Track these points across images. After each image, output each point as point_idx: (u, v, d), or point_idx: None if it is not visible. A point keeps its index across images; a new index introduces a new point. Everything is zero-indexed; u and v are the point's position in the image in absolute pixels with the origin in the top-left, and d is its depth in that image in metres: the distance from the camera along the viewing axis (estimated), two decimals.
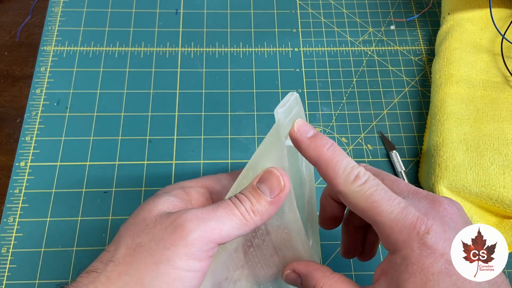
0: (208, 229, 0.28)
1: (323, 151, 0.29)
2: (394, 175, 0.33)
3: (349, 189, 0.28)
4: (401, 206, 0.27)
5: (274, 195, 0.30)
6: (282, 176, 0.30)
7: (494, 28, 0.56)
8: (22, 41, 0.59)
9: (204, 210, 0.29)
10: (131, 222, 0.31)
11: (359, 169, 0.29)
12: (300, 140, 0.30)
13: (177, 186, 0.35)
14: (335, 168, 0.29)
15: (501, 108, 0.52)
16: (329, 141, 0.30)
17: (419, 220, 0.27)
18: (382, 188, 0.28)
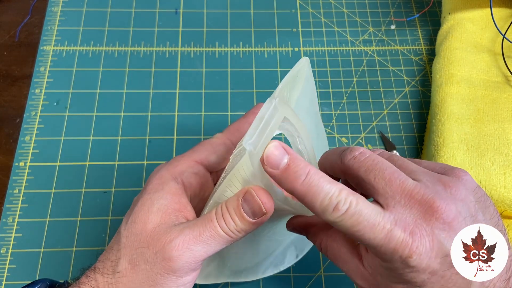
0: (194, 255, 0.30)
1: (296, 187, 0.28)
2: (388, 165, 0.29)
3: (330, 219, 0.27)
4: (384, 231, 0.26)
5: (257, 218, 0.30)
6: (264, 204, 0.30)
7: (494, 28, 0.56)
8: (22, 41, 0.59)
9: (192, 235, 0.30)
10: (130, 231, 0.32)
11: (338, 199, 0.27)
12: (271, 175, 0.29)
13: (169, 176, 0.34)
14: (311, 201, 0.27)
15: (501, 108, 0.51)
16: (303, 172, 0.28)
17: (403, 244, 0.26)
18: (365, 214, 0.27)
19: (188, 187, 0.35)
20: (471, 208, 0.27)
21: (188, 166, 0.35)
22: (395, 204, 0.27)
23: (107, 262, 0.32)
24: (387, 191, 0.28)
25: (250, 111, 0.39)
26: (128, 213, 0.34)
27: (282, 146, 0.28)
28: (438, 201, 0.26)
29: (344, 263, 0.32)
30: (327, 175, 0.28)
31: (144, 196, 0.33)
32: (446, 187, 0.28)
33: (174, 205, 0.32)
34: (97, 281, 0.31)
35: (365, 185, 0.29)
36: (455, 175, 0.29)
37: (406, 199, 0.27)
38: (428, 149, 0.51)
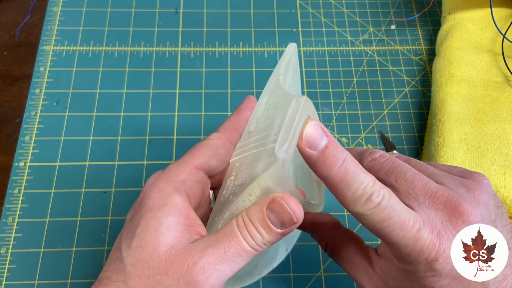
0: (220, 276, 0.27)
1: (332, 172, 0.26)
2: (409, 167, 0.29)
3: (360, 211, 0.26)
4: (414, 230, 0.25)
5: (286, 228, 0.28)
6: (295, 213, 0.27)
7: (494, 28, 0.56)
8: (22, 41, 0.59)
9: (216, 254, 0.27)
10: (137, 257, 0.28)
11: (373, 189, 0.26)
12: (307, 156, 0.27)
13: (170, 187, 0.30)
14: (344, 190, 0.26)
15: (501, 108, 0.51)
16: (340, 156, 0.26)
17: (430, 246, 0.25)
18: (396, 209, 0.26)
19: (192, 198, 0.31)
20: (491, 213, 0.27)
21: (189, 174, 0.31)
22: (419, 205, 0.26)
23: None
24: (410, 193, 0.27)
25: (242, 105, 0.36)
26: (125, 235, 0.29)
27: (321, 126, 0.27)
28: (464, 203, 0.26)
29: (351, 266, 0.31)
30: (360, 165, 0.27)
31: (146, 215, 0.29)
32: (470, 191, 0.27)
33: (184, 220, 0.29)
34: None
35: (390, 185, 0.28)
36: (475, 179, 0.29)
37: (431, 201, 0.26)
38: (428, 149, 0.51)
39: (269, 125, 0.31)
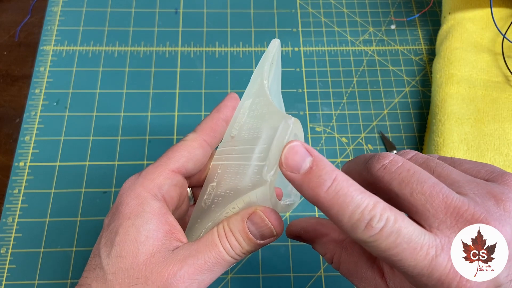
0: (201, 285, 0.27)
1: (319, 195, 0.23)
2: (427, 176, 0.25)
3: (361, 238, 0.23)
4: (428, 258, 0.22)
5: (265, 240, 0.28)
6: (275, 228, 0.27)
7: (495, 28, 0.56)
8: (21, 41, 0.59)
9: (196, 265, 0.27)
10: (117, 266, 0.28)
11: (372, 214, 0.23)
12: (291, 180, 0.25)
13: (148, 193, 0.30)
14: (338, 215, 0.23)
15: (501, 108, 0.51)
16: (329, 177, 0.24)
17: (450, 275, 0.22)
18: (405, 235, 0.22)
19: (170, 202, 0.31)
20: None
21: (166, 178, 0.30)
22: (439, 224, 0.23)
23: None
24: (428, 209, 0.23)
25: (222, 103, 0.34)
26: (103, 242, 0.29)
27: (304, 146, 0.25)
28: (492, 222, 0.22)
29: (360, 280, 0.28)
30: (357, 183, 0.24)
31: (124, 223, 0.28)
32: (499, 202, 0.23)
33: (163, 227, 0.29)
34: None
35: (400, 201, 0.24)
36: (506, 183, 0.25)
37: (453, 219, 0.23)
38: (429, 149, 0.51)
39: (254, 137, 0.31)
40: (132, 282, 0.27)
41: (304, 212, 0.49)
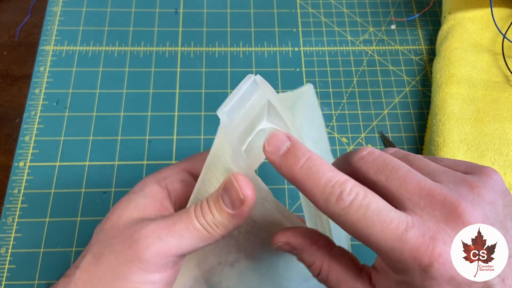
0: (164, 246, 0.27)
1: (295, 171, 0.25)
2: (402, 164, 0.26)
3: (333, 212, 0.24)
4: (399, 231, 0.23)
5: (236, 209, 0.27)
6: (241, 189, 0.27)
7: (495, 28, 0.56)
8: (21, 41, 0.59)
9: (165, 224, 0.28)
10: (102, 226, 0.30)
11: (342, 188, 0.24)
12: (272, 161, 0.26)
13: (153, 179, 0.32)
14: (312, 189, 0.25)
15: (502, 108, 0.51)
16: (303, 155, 0.25)
17: (422, 248, 0.22)
18: (374, 209, 0.23)
19: (172, 192, 0.32)
20: (499, 213, 0.24)
21: (174, 172, 0.33)
22: (413, 206, 0.24)
23: (76, 261, 0.30)
24: (402, 193, 0.24)
25: None
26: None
27: (286, 134, 0.27)
28: (463, 203, 0.23)
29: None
30: (330, 164, 0.25)
31: (122, 198, 0.31)
32: (472, 188, 0.24)
33: (155, 205, 0.30)
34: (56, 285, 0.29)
35: (376, 188, 0.25)
36: (483, 174, 0.26)
37: (426, 201, 0.24)
38: (429, 149, 0.51)
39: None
40: (108, 237, 0.29)
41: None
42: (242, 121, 0.27)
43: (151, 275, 0.27)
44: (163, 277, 0.28)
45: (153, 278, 0.28)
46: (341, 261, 0.28)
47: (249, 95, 0.27)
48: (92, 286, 0.28)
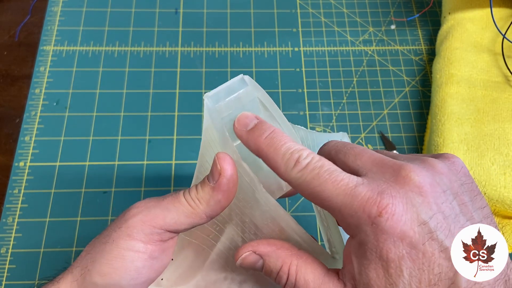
0: (150, 215, 0.29)
1: (260, 142, 0.28)
2: (361, 146, 0.29)
3: (291, 176, 0.26)
4: (349, 187, 0.24)
5: (215, 180, 0.29)
6: (219, 160, 0.29)
7: (494, 28, 0.56)
8: (21, 41, 0.59)
9: (155, 199, 0.30)
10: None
11: (300, 153, 0.26)
12: (239, 136, 0.29)
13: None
14: (274, 156, 0.27)
15: (501, 108, 0.51)
16: (268, 129, 0.28)
17: (370, 201, 0.24)
18: (326, 169, 0.25)
19: None
20: (454, 185, 0.25)
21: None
22: (366, 172, 0.26)
23: None
24: (357, 163, 0.27)
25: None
26: None
27: (255, 115, 0.30)
28: (411, 166, 0.25)
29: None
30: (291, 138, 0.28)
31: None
32: (424, 162, 0.26)
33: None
34: None
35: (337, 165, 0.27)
36: (442, 157, 0.27)
37: (378, 167, 0.26)
38: (429, 149, 0.51)
39: None
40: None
41: (305, 212, 0.49)
42: (226, 108, 0.30)
43: (136, 242, 0.29)
44: (148, 248, 0.29)
45: (138, 246, 0.29)
46: (307, 261, 0.28)
47: (235, 89, 0.30)
48: (85, 251, 0.31)
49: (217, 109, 0.30)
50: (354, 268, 0.25)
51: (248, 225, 0.32)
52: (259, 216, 0.31)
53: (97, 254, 0.29)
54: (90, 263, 0.29)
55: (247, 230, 0.32)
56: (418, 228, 0.23)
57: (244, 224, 0.32)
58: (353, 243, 0.25)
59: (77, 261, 0.31)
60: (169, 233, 0.30)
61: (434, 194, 0.24)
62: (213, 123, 0.29)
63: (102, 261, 0.29)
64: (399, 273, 0.23)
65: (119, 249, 0.29)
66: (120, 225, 0.30)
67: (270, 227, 0.31)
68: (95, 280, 0.29)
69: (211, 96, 0.30)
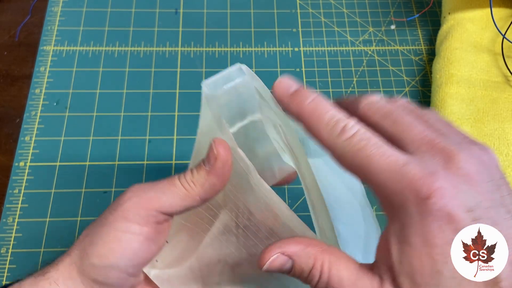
0: (145, 198, 0.30)
1: (303, 106, 0.27)
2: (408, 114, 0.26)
3: (335, 144, 0.25)
4: (398, 164, 0.23)
5: (210, 164, 0.29)
6: (215, 144, 0.29)
7: (494, 28, 0.56)
8: (22, 41, 0.59)
9: (149, 183, 0.31)
10: None
11: (346, 122, 0.25)
12: (280, 99, 0.29)
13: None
14: (317, 122, 0.26)
15: (501, 108, 0.51)
16: (311, 94, 0.28)
17: (420, 181, 0.22)
18: (374, 142, 0.24)
19: None
20: (495, 177, 0.24)
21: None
22: (414, 149, 0.24)
23: None
24: (406, 136, 0.25)
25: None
26: None
27: (293, 78, 0.29)
28: (462, 153, 0.23)
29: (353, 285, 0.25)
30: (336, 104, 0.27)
31: None
32: (472, 150, 0.24)
33: None
34: None
35: (381, 133, 0.26)
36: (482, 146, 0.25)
37: (428, 146, 0.24)
38: None
39: None
40: None
41: (305, 212, 0.49)
42: (224, 96, 0.30)
43: (131, 224, 0.29)
44: (143, 230, 0.30)
45: (133, 228, 0.29)
46: (339, 257, 0.26)
47: (233, 77, 0.30)
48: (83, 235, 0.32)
49: (215, 97, 0.30)
50: (392, 257, 0.24)
51: (242, 211, 0.32)
52: (253, 202, 0.31)
53: (95, 237, 0.30)
54: (88, 245, 0.30)
55: (241, 215, 0.32)
56: (464, 214, 0.22)
57: (238, 210, 0.32)
58: (392, 229, 0.24)
59: (75, 245, 0.32)
60: (164, 216, 0.30)
61: (481, 184, 0.23)
62: (211, 110, 0.30)
63: (99, 243, 0.30)
64: (446, 260, 0.22)
65: (116, 231, 0.29)
66: (115, 208, 0.30)
67: (264, 213, 0.31)
68: (93, 261, 0.30)
69: (209, 83, 0.30)
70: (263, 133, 0.35)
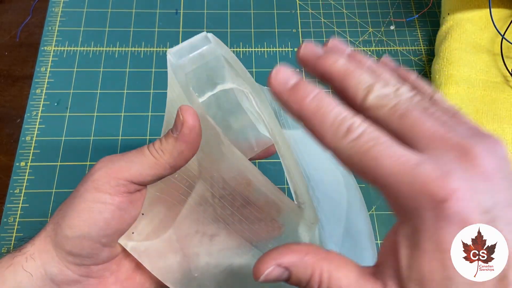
0: (115, 168, 0.30)
1: (304, 104, 0.24)
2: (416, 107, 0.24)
3: (340, 146, 0.23)
4: (410, 165, 0.21)
5: (178, 131, 0.29)
6: (181, 111, 0.29)
7: (493, 28, 0.56)
8: (22, 41, 0.59)
9: (120, 154, 0.31)
10: None
11: (352, 120, 0.23)
12: (278, 93, 0.25)
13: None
14: (321, 123, 0.23)
15: (500, 109, 0.52)
16: (313, 90, 0.25)
17: (436, 182, 0.20)
18: (383, 142, 0.22)
19: None
20: (509, 172, 0.22)
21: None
22: (426, 147, 0.22)
23: None
24: (416, 133, 0.22)
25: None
26: None
27: (291, 69, 0.26)
28: (476, 147, 0.21)
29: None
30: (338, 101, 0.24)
31: None
32: (485, 141, 0.22)
33: None
34: None
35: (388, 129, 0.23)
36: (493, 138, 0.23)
37: (439, 142, 0.22)
38: None
39: None
40: None
41: None
42: (190, 64, 0.30)
43: (102, 194, 0.30)
44: (115, 200, 0.30)
45: (104, 197, 0.30)
46: (338, 265, 0.25)
47: (199, 46, 0.30)
48: (59, 207, 0.32)
49: (181, 65, 0.30)
50: (401, 262, 0.22)
51: (216, 179, 0.32)
52: (226, 170, 0.31)
53: (67, 209, 0.31)
54: (61, 218, 0.31)
55: (216, 184, 0.32)
56: (480, 216, 0.21)
57: (213, 179, 0.32)
58: (402, 232, 0.22)
59: (51, 220, 0.32)
60: (135, 185, 0.31)
61: (498, 181, 0.21)
62: (177, 79, 0.30)
63: (71, 215, 0.30)
64: None
65: (87, 201, 0.30)
66: (86, 179, 0.30)
67: (237, 180, 0.31)
68: (65, 233, 0.30)
69: (174, 52, 0.30)
70: (236, 104, 0.34)
